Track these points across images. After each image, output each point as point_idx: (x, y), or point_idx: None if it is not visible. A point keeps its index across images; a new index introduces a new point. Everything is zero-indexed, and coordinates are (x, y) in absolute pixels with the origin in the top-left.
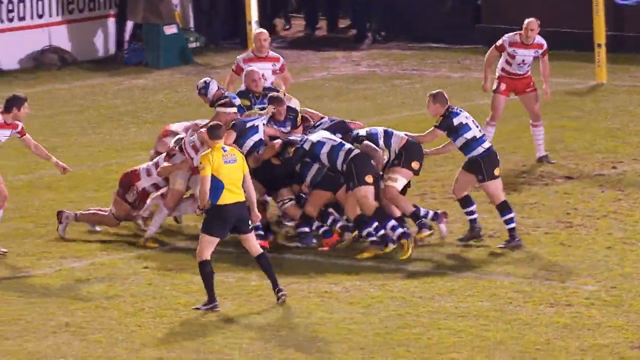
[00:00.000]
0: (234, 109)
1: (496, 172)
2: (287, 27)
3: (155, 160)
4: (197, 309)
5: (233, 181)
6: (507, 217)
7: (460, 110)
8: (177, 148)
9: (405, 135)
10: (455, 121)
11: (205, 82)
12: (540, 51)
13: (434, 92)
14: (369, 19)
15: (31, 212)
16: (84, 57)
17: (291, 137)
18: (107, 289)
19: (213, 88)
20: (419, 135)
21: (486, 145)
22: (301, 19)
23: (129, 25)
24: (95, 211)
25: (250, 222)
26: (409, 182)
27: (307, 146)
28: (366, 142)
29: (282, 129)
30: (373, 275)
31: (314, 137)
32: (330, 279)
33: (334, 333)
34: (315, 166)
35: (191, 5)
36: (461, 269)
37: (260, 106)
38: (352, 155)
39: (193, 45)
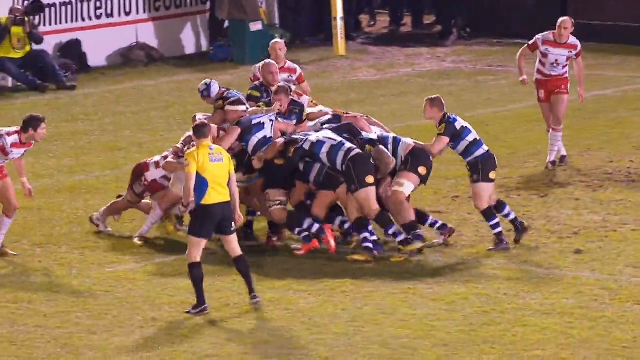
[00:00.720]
0: (244, 107)
1: (492, 175)
2: (372, 23)
3: (165, 153)
4: (187, 312)
5: (218, 180)
6: (493, 222)
7: (456, 116)
8: (185, 149)
9: (413, 142)
10: (457, 125)
11: (206, 83)
12: (575, 52)
13: (431, 97)
14: (454, 14)
15: None
16: (171, 53)
17: (294, 136)
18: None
19: (215, 89)
20: (427, 145)
21: (485, 147)
22: (386, 15)
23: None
24: (111, 204)
25: (233, 224)
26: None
27: (307, 146)
28: (380, 146)
29: (288, 122)
30: (457, 272)
31: (314, 137)
32: (415, 276)
33: (417, 329)
34: (317, 165)
35: (276, 1)
36: (546, 266)
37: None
38: (351, 155)
39: None
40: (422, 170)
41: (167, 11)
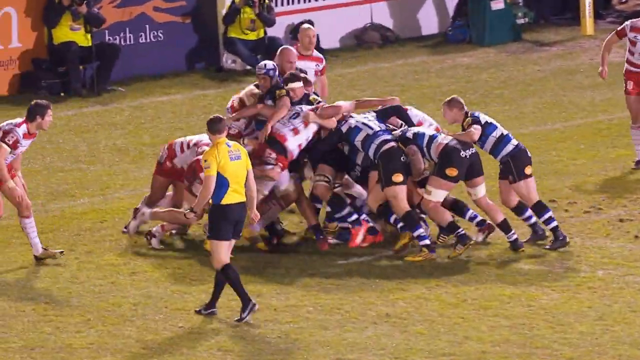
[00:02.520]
0: (301, 81)
1: (527, 170)
2: (624, 0)
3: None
4: (239, 320)
5: (238, 179)
6: (546, 216)
7: (478, 112)
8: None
9: (450, 136)
10: (482, 120)
11: (274, 64)
12: None
13: (447, 99)
14: None
15: None
16: (407, 34)
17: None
18: (428, 278)
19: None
20: (469, 133)
21: (514, 142)
22: None
23: (454, 1)
24: (170, 209)
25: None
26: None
27: (344, 128)
28: (412, 146)
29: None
30: None
31: (353, 120)
32: None
33: None
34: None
35: None
36: None
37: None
38: (382, 149)
39: (521, 21)
40: (450, 171)
41: None
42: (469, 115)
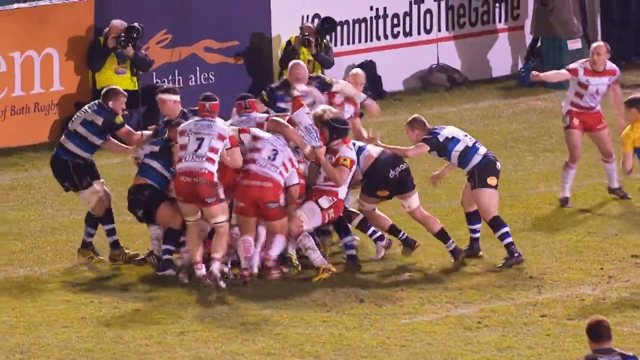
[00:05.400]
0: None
1: (490, 181)
2: None
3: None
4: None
5: None
6: (502, 231)
7: (442, 128)
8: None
9: (378, 153)
10: (441, 138)
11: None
12: (614, 78)
13: (409, 119)
14: None
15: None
16: (476, 76)
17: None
18: (500, 339)
19: None
20: (404, 149)
21: (482, 152)
22: None
23: (527, 40)
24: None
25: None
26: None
27: None
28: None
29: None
30: None
31: None
32: None
33: None
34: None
35: (599, 16)
36: None
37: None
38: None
39: None
40: (381, 193)
41: (473, 28)
42: (429, 131)
